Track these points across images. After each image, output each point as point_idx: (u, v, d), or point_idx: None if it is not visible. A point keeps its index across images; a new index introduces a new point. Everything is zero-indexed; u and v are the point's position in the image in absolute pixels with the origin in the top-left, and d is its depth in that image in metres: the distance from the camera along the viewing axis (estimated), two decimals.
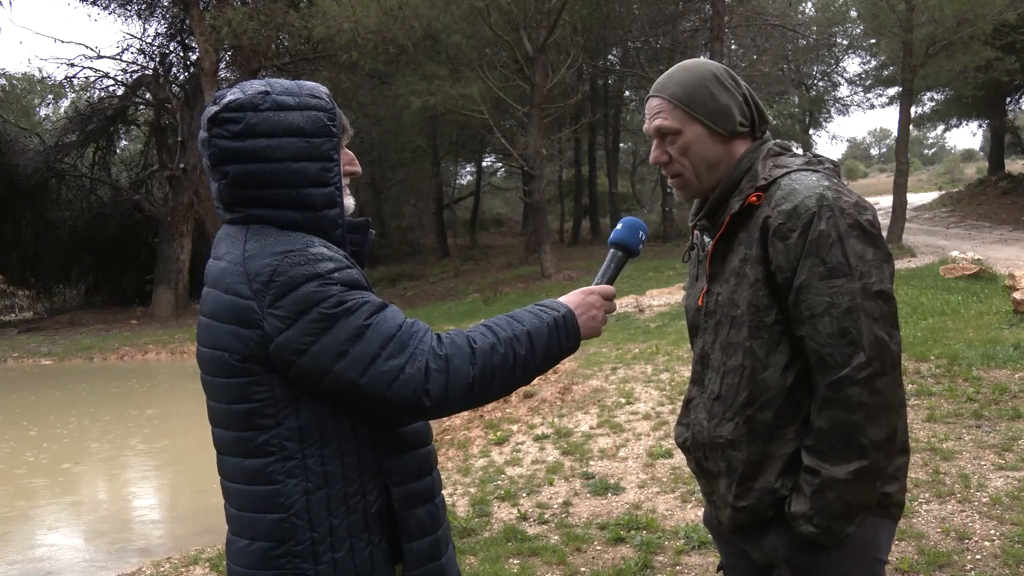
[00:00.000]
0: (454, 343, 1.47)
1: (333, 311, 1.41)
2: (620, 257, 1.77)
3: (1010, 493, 4.27)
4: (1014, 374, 6.30)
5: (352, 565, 1.48)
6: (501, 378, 1.49)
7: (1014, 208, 24.24)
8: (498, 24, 18.20)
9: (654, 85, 1.82)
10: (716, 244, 1.73)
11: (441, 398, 1.45)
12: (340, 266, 1.46)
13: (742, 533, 1.76)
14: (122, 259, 26.06)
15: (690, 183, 1.78)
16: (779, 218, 1.60)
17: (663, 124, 1.75)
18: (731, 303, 1.69)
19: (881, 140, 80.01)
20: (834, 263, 1.55)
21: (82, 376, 14.01)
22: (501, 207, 42.73)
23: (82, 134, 24.46)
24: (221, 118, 1.48)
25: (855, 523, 1.59)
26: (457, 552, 4.15)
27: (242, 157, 1.47)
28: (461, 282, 22.43)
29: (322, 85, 1.59)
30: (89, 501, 7.32)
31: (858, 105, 38.75)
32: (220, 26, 19.16)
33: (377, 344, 1.43)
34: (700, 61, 1.78)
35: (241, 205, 1.51)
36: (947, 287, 10.01)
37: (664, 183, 26.53)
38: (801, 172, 1.66)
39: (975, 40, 17.90)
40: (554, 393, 7.80)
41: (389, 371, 1.42)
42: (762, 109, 1.77)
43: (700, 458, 1.78)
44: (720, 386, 1.71)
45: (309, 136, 1.49)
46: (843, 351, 1.55)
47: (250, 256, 1.45)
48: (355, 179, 1.68)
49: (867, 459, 1.56)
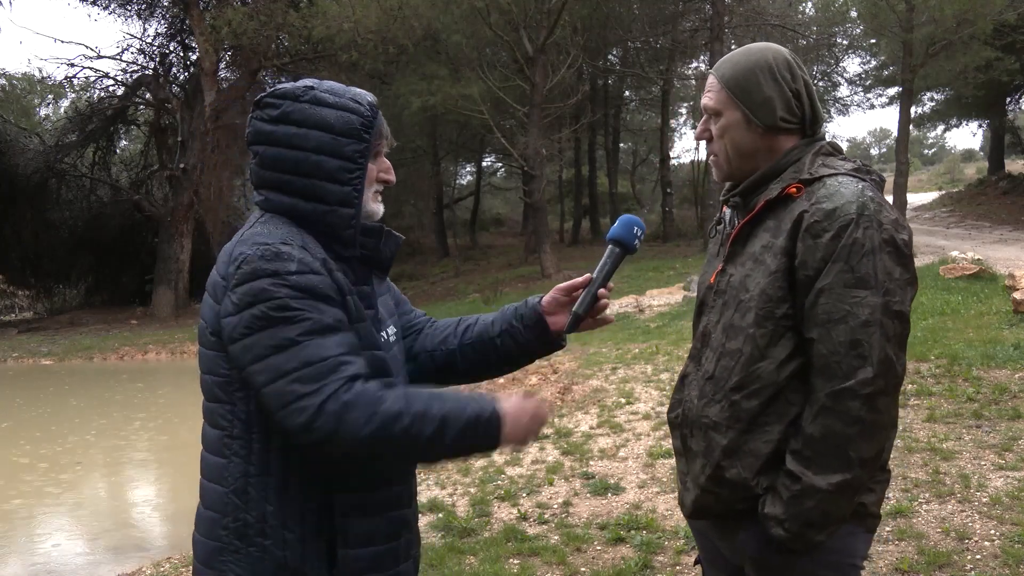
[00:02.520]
0: (363, 395, 1.44)
1: (272, 314, 1.44)
2: (617, 254, 1.80)
3: (1010, 493, 4.27)
4: (1014, 374, 6.30)
5: (281, 555, 1.51)
6: (397, 447, 1.47)
7: (1014, 208, 24.23)
8: (498, 24, 18.20)
9: (718, 61, 1.80)
10: (743, 226, 1.72)
11: (324, 440, 1.43)
12: (304, 270, 1.47)
13: (717, 526, 1.76)
14: (122, 259, 26.02)
15: (721, 165, 1.78)
16: (816, 215, 1.58)
17: (707, 103, 1.75)
18: (742, 286, 1.68)
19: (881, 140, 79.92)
20: (862, 273, 1.54)
21: (82, 376, 14.01)
22: (501, 207, 42.71)
23: (82, 134, 24.43)
24: (265, 102, 1.59)
25: (827, 532, 1.59)
26: (457, 552, 4.17)
27: (272, 140, 1.56)
28: (461, 282, 22.43)
29: (371, 95, 1.64)
30: (89, 501, 7.32)
31: (858, 105, 38.69)
32: (220, 26, 19.15)
33: (293, 363, 1.43)
34: (763, 47, 1.75)
35: (264, 187, 1.59)
36: (947, 287, 10.01)
37: (664, 183, 26.56)
38: (848, 177, 1.64)
39: (975, 40, 17.92)
40: (554, 393, 7.80)
41: (288, 393, 1.42)
42: (817, 108, 1.73)
43: (686, 435, 1.78)
44: (715, 366, 1.70)
45: (337, 134, 1.55)
46: (851, 362, 1.54)
47: (241, 240, 1.53)
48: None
49: (851, 473, 1.56)
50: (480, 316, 1.89)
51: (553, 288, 1.85)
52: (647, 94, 31.35)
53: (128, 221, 25.79)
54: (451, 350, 1.83)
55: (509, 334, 1.82)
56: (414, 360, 1.84)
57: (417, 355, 1.85)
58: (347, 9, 17.65)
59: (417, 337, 1.86)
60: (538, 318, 1.81)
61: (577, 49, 20.22)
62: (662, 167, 27.93)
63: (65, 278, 26.86)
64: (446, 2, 17.99)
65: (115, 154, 27.43)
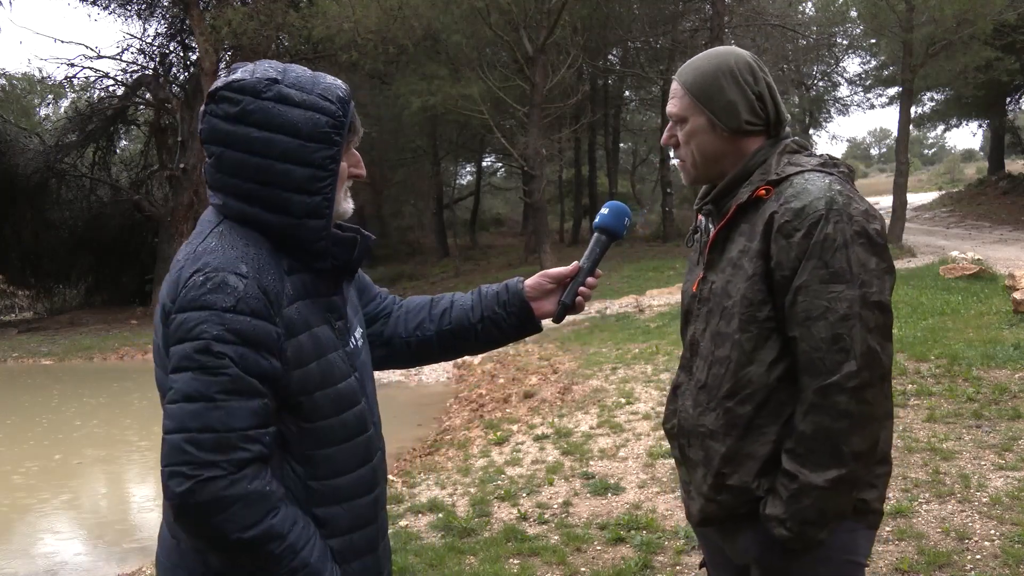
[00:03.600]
0: (262, 498, 1.33)
1: (196, 356, 1.31)
2: (604, 241, 1.81)
3: (1010, 493, 4.27)
4: (1014, 374, 6.30)
5: None
6: (252, 569, 1.36)
7: (1014, 208, 24.24)
8: (498, 24, 18.19)
9: (681, 67, 1.80)
10: (718, 233, 1.72)
11: (194, 523, 1.32)
12: (244, 310, 1.33)
13: (720, 529, 1.76)
14: (122, 259, 26.00)
15: (688, 170, 1.79)
16: (785, 215, 1.59)
17: (672, 110, 1.76)
18: (724, 293, 1.68)
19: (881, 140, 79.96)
20: (836, 268, 1.54)
21: (82, 376, 14.00)
22: (501, 207, 42.67)
23: (82, 134, 24.40)
24: (221, 95, 1.41)
25: (827, 530, 1.59)
26: (457, 552, 4.17)
27: (231, 143, 1.40)
28: (461, 282, 22.41)
29: (343, 84, 1.48)
30: (89, 501, 7.32)
31: (858, 105, 38.71)
32: (220, 26, 19.14)
33: (196, 423, 1.30)
34: (725, 51, 1.75)
35: (222, 191, 1.44)
36: (947, 287, 10.01)
37: (664, 183, 26.52)
38: (814, 173, 1.64)
39: (975, 40, 17.90)
40: (554, 393, 7.80)
41: (179, 452, 1.30)
42: (781, 109, 1.74)
43: (684, 445, 1.78)
44: (707, 375, 1.70)
45: (305, 139, 1.39)
46: (834, 357, 1.54)
47: (193, 257, 1.40)
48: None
49: (846, 468, 1.56)
50: (454, 298, 1.83)
51: (539, 273, 1.82)
52: (647, 94, 31.32)
53: (128, 221, 25.76)
54: (427, 336, 1.78)
55: (491, 320, 1.78)
56: (387, 345, 1.78)
57: (390, 340, 1.78)
58: (347, 9, 17.63)
59: (387, 322, 1.80)
60: (522, 304, 1.78)
61: (577, 49, 20.21)
62: (662, 167, 27.89)
63: (65, 278, 26.83)
64: (446, 2, 17.98)
65: (115, 154, 27.40)
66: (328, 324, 1.49)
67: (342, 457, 1.49)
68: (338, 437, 1.48)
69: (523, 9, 18.06)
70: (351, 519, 1.51)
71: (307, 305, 1.45)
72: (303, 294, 1.45)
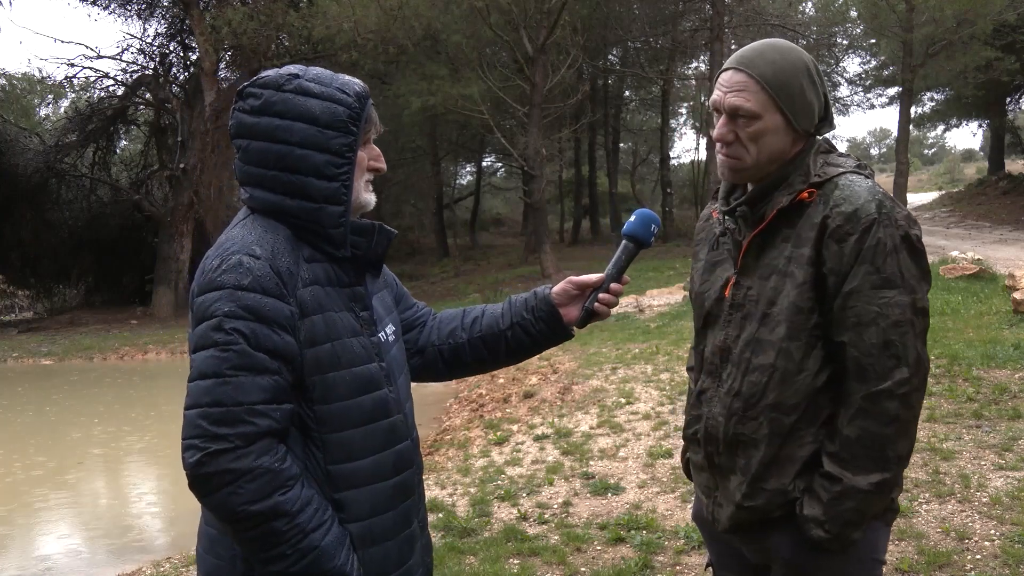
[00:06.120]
0: (271, 474, 1.36)
1: (210, 334, 1.38)
2: (631, 248, 1.79)
3: (1010, 493, 4.27)
4: (1014, 374, 6.30)
5: None
6: (259, 545, 1.39)
7: (1014, 208, 24.22)
8: (498, 24, 18.18)
9: (738, 57, 1.65)
10: (754, 238, 1.67)
11: (203, 493, 1.38)
12: (256, 288, 1.39)
13: (742, 532, 1.75)
14: (122, 259, 25.99)
15: (746, 170, 1.67)
16: (838, 219, 1.56)
17: (742, 103, 1.61)
18: (766, 300, 1.63)
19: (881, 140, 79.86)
20: (888, 273, 1.53)
21: (82, 376, 14.00)
22: (501, 207, 42.69)
23: (82, 134, 24.40)
24: (247, 92, 1.51)
25: (863, 530, 1.60)
26: (457, 552, 4.17)
27: (255, 134, 1.49)
28: (461, 282, 22.40)
29: (361, 82, 1.55)
30: (89, 501, 7.32)
31: (858, 105, 38.60)
32: (220, 26, 19.15)
33: (208, 397, 1.36)
34: (792, 47, 1.66)
35: (249, 184, 1.52)
36: (947, 287, 10.00)
37: (664, 183, 26.52)
38: (855, 175, 1.61)
39: (975, 40, 17.91)
40: (554, 393, 7.80)
41: (193, 426, 1.36)
42: (831, 112, 1.70)
43: (712, 452, 1.74)
44: (742, 383, 1.66)
45: (323, 126, 1.47)
46: (885, 363, 1.53)
47: (218, 244, 1.48)
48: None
49: (890, 472, 1.56)
50: (486, 308, 1.87)
51: (565, 280, 1.83)
52: (647, 94, 31.36)
53: (128, 221, 25.76)
54: (459, 344, 1.82)
55: (520, 327, 1.80)
56: (421, 354, 1.84)
57: (424, 349, 1.84)
58: (347, 9, 17.63)
59: (422, 331, 1.85)
60: (551, 310, 1.80)
61: (577, 49, 20.19)
62: (662, 167, 27.94)
63: (65, 278, 26.83)
64: (446, 2, 17.98)
65: (115, 154, 27.40)
66: (351, 312, 1.54)
67: (359, 441, 1.51)
68: (355, 420, 1.51)
69: (523, 9, 18.04)
70: (371, 505, 1.53)
71: (326, 292, 1.51)
72: (324, 281, 1.51)
